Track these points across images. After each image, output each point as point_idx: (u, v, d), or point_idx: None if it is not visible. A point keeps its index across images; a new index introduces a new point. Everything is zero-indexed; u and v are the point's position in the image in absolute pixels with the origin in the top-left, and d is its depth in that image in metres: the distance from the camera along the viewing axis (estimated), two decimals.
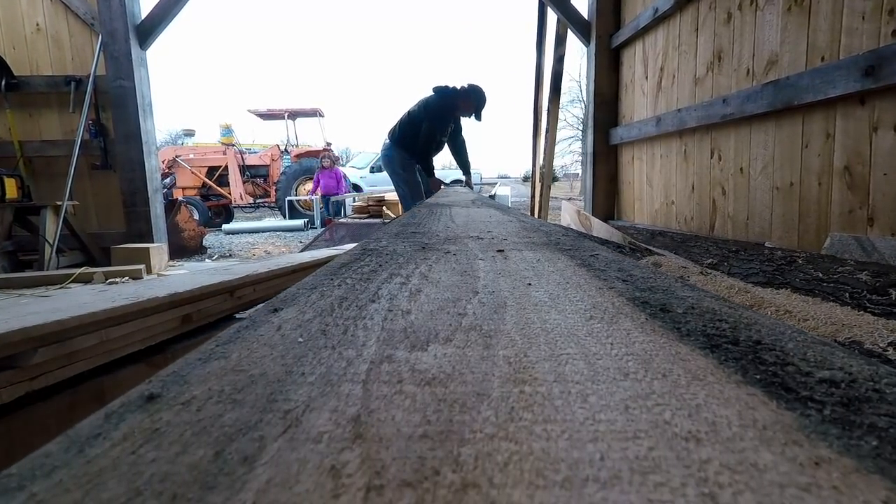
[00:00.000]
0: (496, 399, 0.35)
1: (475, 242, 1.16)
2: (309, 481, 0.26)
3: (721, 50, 3.21)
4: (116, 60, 4.81)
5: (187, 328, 1.84)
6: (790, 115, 2.62)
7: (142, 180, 5.00)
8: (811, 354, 0.43)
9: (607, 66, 4.91)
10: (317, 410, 0.33)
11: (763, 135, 2.85)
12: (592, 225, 4.17)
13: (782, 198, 2.72)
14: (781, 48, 2.65)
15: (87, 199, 5.25)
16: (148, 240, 4.96)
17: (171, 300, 1.69)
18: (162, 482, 0.26)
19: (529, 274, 0.79)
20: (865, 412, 0.33)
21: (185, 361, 0.42)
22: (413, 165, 4.79)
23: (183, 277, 2.06)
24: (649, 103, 4.27)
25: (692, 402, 0.34)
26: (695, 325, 0.51)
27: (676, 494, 0.24)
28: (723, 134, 3.26)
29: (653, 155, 4.28)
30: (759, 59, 2.84)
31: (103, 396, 1.49)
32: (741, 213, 3.09)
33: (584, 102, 36.17)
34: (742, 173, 3.07)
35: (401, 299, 0.63)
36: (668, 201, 4.04)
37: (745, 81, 2.96)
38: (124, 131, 4.90)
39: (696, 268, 2.22)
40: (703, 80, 3.43)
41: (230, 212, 13.17)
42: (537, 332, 0.50)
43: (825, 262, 2.07)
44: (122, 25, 4.77)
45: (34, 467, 0.27)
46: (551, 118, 6.49)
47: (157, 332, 1.70)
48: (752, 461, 0.27)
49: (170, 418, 0.32)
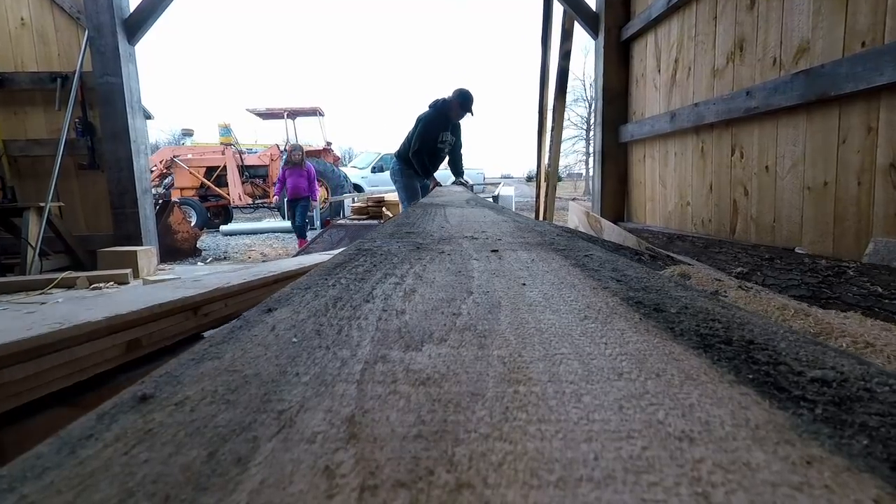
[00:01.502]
0: (491, 399, 0.35)
1: (470, 242, 1.16)
2: (303, 482, 0.25)
3: (743, 39, 2.99)
4: (103, 56, 4.67)
5: (135, 355, 1.56)
6: (824, 108, 2.39)
7: (130, 180, 4.84)
8: (803, 354, 0.43)
9: (616, 59, 4.73)
10: (311, 410, 0.33)
11: (792, 129, 2.62)
12: (603, 228, 3.91)
13: (814, 199, 2.49)
14: (813, 34, 2.42)
15: (73, 201, 5.09)
16: (136, 242, 4.81)
17: (110, 324, 1.43)
18: (154, 483, 0.25)
19: (524, 274, 0.79)
20: (857, 411, 0.33)
21: (179, 362, 0.42)
22: (413, 175, 5.14)
23: (134, 293, 1.82)
24: (662, 98, 4.06)
25: (685, 402, 0.34)
26: (688, 325, 0.51)
27: (670, 494, 0.24)
28: (745, 129, 3.03)
29: (666, 153, 4.07)
30: (788, 47, 2.61)
31: (3, 454, 1.21)
32: (766, 215, 2.86)
33: (587, 101, 36.29)
34: (767, 172, 2.84)
35: (395, 299, 0.63)
36: (683, 202, 3.82)
37: (772, 72, 2.74)
38: (112, 129, 4.76)
39: (731, 280, 1.90)
40: (723, 72, 3.21)
41: (229, 212, 12.98)
42: (532, 332, 0.50)
43: (881, 273, 1.80)
44: (108, 19, 4.63)
45: (25, 469, 0.27)
46: (557, 116, 6.30)
47: (90, 365, 1.42)
48: (744, 460, 0.27)
49: (163, 419, 0.32)
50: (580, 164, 39.01)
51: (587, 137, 36.61)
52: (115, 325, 1.46)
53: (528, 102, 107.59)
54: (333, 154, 14.09)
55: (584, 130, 36.47)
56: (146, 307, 1.58)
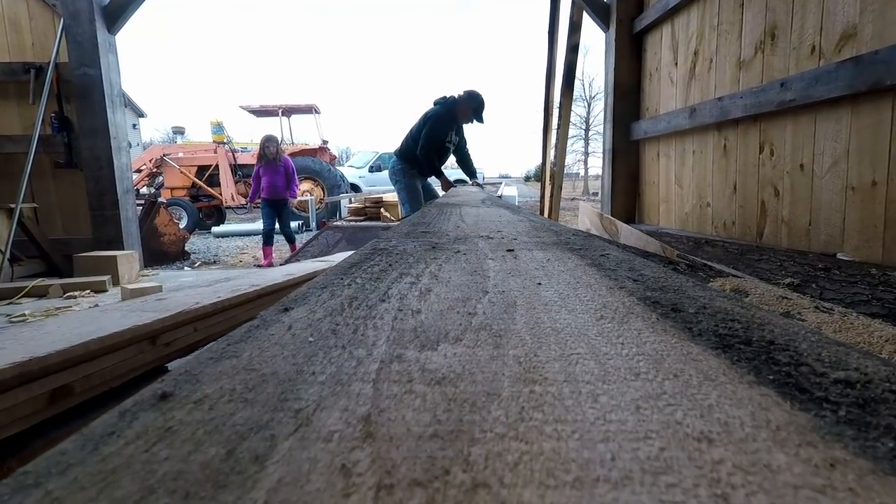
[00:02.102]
0: (506, 399, 0.35)
1: (485, 242, 1.15)
2: (320, 480, 0.26)
3: (775, 26, 2.77)
4: (80, 45, 4.34)
5: (63, 407, 1.23)
6: (873, 100, 2.18)
7: (110, 180, 4.49)
8: (826, 355, 0.42)
9: (629, 53, 4.56)
10: (327, 409, 0.34)
11: (834, 124, 2.41)
12: (619, 231, 3.61)
13: (860, 200, 2.28)
14: (861, 18, 2.21)
15: (49, 201, 4.73)
16: (117, 246, 4.51)
17: (24, 371, 1.08)
18: (175, 480, 0.26)
19: (539, 273, 0.79)
20: (882, 413, 0.32)
21: (198, 360, 0.42)
22: (415, 174, 4.95)
23: (66, 325, 1.41)
24: (679, 93, 3.89)
25: (704, 403, 0.34)
26: (707, 325, 0.51)
27: (688, 495, 0.24)
28: (776, 124, 2.82)
29: (683, 151, 3.88)
30: (830, 34, 2.39)
31: None
32: (801, 217, 2.64)
33: (586, 100, 36.07)
34: (803, 171, 2.63)
35: (411, 299, 0.63)
36: (703, 203, 3.62)
37: (809, 61, 2.53)
38: (90, 125, 4.44)
39: (804, 299, 1.57)
40: (751, 63, 3.01)
41: (222, 213, 12.69)
42: (547, 332, 0.50)
43: None
44: (86, 6, 4.29)
45: (49, 465, 0.28)
46: (564, 113, 6.11)
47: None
48: (765, 462, 0.27)
49: (182, 417, 0.33)
50: (578, 164, 38.80)
51: (586, 137, 36.43)
52: (32, 371, 1.11)
53: (526, 101, 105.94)
54: (330, 153, 13.82)
55: (584, 130, 36.25)
56: (80, 343, 1.22)
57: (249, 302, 1.88)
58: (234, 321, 1.79)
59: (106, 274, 3.84)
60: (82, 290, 3.51)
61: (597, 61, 40.77)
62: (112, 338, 1.32)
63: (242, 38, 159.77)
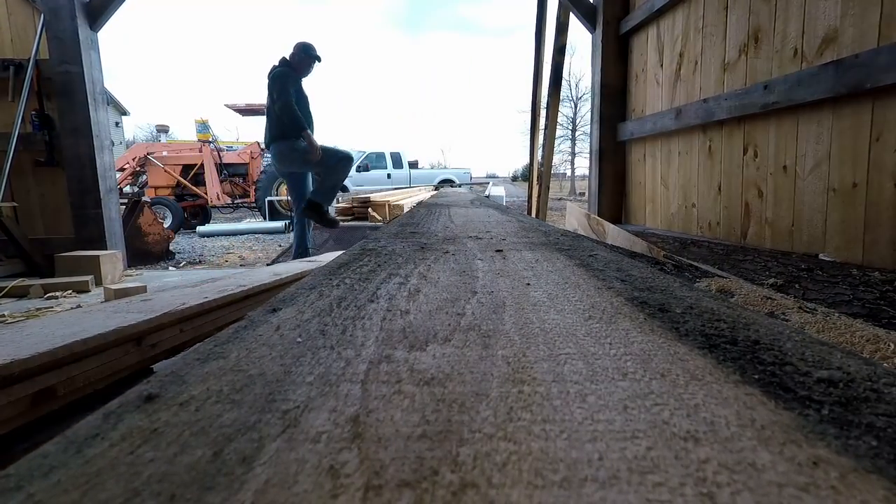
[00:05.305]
0: (495, 399, 0.35)
1: (474, 242, 1.16)
2: (307, 481, 0.26)
3: (759, 29, 2.82)
4: (61, 42, 4.24)
5: (46, 410, 1.22)
6: (854, 103, 2.22)
7: (92, 178, 4.39)
8: (809, 354, 0.43)
9: (615, 54, 4.58)
10: (315, 410, 0.33)
11: (815, 126, 2.44)
12: (606, 231, 3.68)
13: (841, 201, 2.31)
14: (842, 22, 2.26)
15: (30, 200, 4.62)
16: (100, 246, 4.40)
17: (3, 374, 1.08)
18: (160, 482, 0.26)
19: (528, 274, 0.79)
20: (863, 412, 0.33)
21: (184, 361, 0.42)
22: (290, 154, 4.50)
23: (48, 326, 1.40)
24: (665, 94, 3.92)
25: (690, 402, 0.34)
26: (693, 325, 0.51)
27: (675, 494, 0.24)
28: (760, 126, 2.86)
29: (669, 152, 3.92)
30: (812, 37, 2.44)
31: None
32: (783, 218, 2.69)
33: (572, 100, 36.19)
34: (786, 172, 2.67)
35: (399, 299, 0.63)
36: (688, 204, 3.67)
37: (792, 64, 2.58)
38: (71, 123, 4.34)
39: (787, 300, 1.60)
40: (735, 66, 3.06)
41: (207, 212, 12.44)
42: (536, 332, 0.50)
43: None
44: (67, 2, 4.20)
45: (32, 468, 0.27)
46: (551, 113, 6.11)
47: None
48: (750, 461, 0.27)
49: (168, 418, 0.32)
50: (565, 164, 38.96)
51: (573, 137, 36.60)
52: (13, 374, 1.09)
53: (513, 101, 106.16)
54: None
55: (570, 130, 36.41)
56: (63, 345, 1.20)
57: (237, 302, 1.86)
58: (224, 320, 1.78)
59: (88, 274, 3.75)
60: (64, 290, 3.43)
61: (584, 61, 40.83)
62: (96, 339, 1.30)
63: (228, 36, 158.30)
